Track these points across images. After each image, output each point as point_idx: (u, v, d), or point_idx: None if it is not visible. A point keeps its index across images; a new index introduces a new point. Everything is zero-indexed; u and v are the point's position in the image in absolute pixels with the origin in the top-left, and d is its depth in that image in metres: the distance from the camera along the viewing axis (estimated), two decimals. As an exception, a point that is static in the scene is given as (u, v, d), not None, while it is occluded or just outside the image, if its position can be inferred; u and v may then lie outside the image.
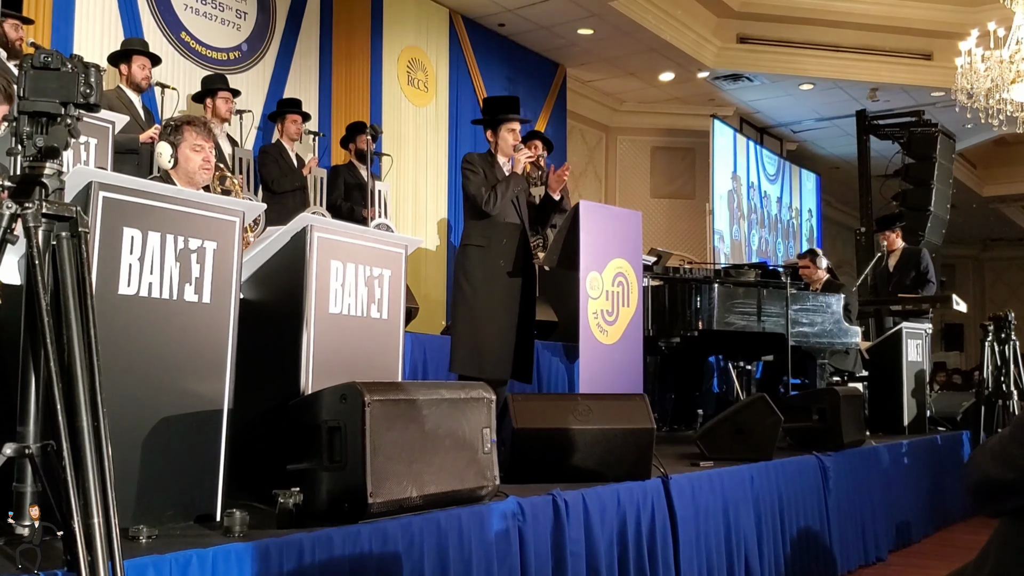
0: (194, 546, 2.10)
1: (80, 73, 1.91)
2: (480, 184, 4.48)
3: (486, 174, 4.52)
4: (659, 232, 11.23)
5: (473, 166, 4.54)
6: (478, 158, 4.61)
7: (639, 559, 3.37)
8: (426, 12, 8.62)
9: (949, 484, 6.33)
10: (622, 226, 4.96)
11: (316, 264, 2.95)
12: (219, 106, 6.10)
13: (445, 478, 2.74)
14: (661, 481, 3.57)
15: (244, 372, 2.65)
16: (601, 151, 11.74)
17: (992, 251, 19.60)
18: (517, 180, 4.56)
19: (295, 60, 7.49)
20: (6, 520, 1.95)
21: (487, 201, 4.45)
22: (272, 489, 2.46)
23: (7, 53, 4.87)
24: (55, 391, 1.81)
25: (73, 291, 1.89)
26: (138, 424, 2.35)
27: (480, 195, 4.46)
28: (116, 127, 4.31)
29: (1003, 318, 7.40)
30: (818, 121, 12.13)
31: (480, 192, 4.46)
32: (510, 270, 4.51)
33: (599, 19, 8.92)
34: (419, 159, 8.45)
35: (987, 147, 13.58)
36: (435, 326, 7.29)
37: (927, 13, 9.80)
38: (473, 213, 4.58)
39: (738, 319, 5.73)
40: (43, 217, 1.89)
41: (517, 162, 4.57)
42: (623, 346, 4.85)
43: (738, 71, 10.47)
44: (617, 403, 3.66)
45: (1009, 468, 1.43)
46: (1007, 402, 7.16)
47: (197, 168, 3.50)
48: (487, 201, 4.45)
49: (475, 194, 4.48)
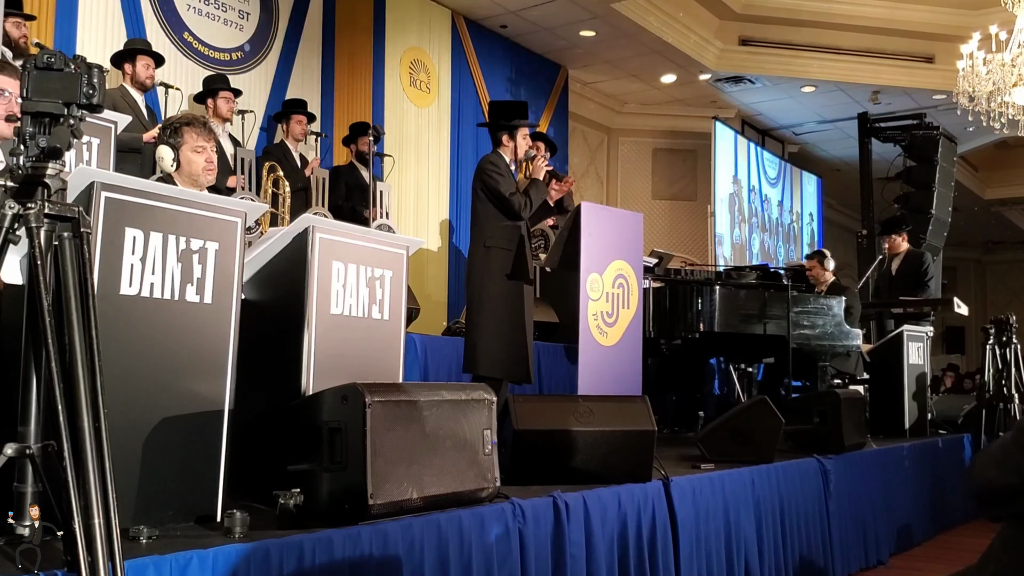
0: (194, 547, 2.10)
1: (83, 74, 1.91)
2: (510, 187, 4.47)
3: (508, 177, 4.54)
4: (660, 234, 11.23)
5: (499, 168, 4.50)
6: (500, 160, 4.56)
7: (639, 561, 3.37)
8: (429, 13, 8.62)
9: (950, 487, 6.32)
10: (623, 228, 4.96)
11: (318, 265, 2.95)
12: (220, 106, 6.11)
13: (446, 479, 2.74)
14: (662, 483, 3.57)
15: (245, 372, 2.65)
16: (602, 153, 11.74)
17: (993, 254, 19.58)
18: (543, 187, 4.61)
19: (297, 61, 7.49)
20: (6, 520, 1.95)
21: (523, 206, 4.45)
22: (273, 490, 2.47)
23: (12, 52, 4.87)
24: (56, 391, 1.81)
25: (75, 291, 1.89)
26: (139, 424, 2.35)
27: (516, 200, 4.44)
28: (119, 127, 4.30)
29: (1004, 321, 7.40)
30: (820, 123, 12.13)
31: (513, 197, 4.44)
32: (528, 274, 4.55)
33: (601, 21, 8.92)
34: (421, 160, 8.46)
35: (989, 150, 13.58)
36: (436, 327, 7.29)
37: (929, 16, 9.80)
38: (502, 215, 4.50)
39: (739, 321, 5.73)
40: (45, 217, 1.89)
41: (539, 170, 4.60)
42: (623, 348, 4.84)
43: (740, 73, 10.47)
44: (618, 405, 3.66)
45: (1011, 473, 1.43)
46: (1008, 405, 7.16)
47: (200, 170, 3.49)
48: (523, 206, 4.45)
49: (510, 198, 4.44)
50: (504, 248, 4.49)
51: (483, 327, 4.44)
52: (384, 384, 2.77)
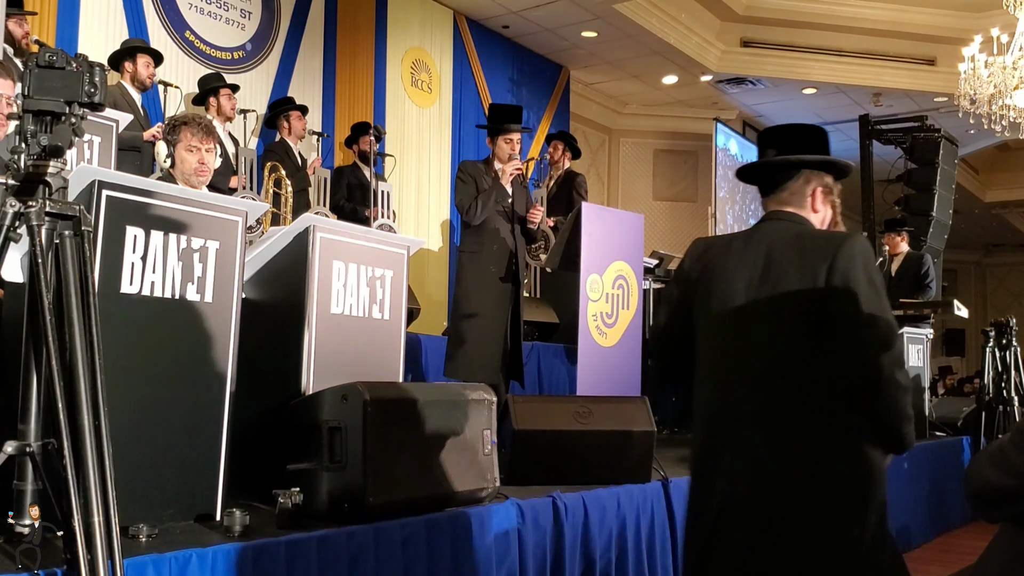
0: (194, 545, 2.10)
1: (85, 72, 1.91)
2: (465, 194, 4.58)
3: (476, 182, 4.58)
4: (661, 235, 11.23)
5: (463, 175, 4.64)
6: (470, 166, 4.71)
7: (638, 562, 3.37)
8: (430, 13, 8.63)
9: (949, 489, 6.32)
10: (624, 229, 4.96)
11: (318, 264, 2.95)
12: (223, 104, 6.10)
13: (445, 479, 2.75)
14: (661, 484, 3.57)
15: (245, 372, 2.65)
16: (604, 153, 11.75)
17: (994, 256, 19.57)
18: (500, 191, 4.61)
19: (299, 60, 7.49)
20: (6, 519, 1.95)
21: (468, 211, 4.55)
22: (272, 489, 2.47)
23: (13, 50, 4.87)
24: (56, 389, 1.81)
25: (75, 289, 1.89)
26: (139, 423, 2.36)
27: (462, 205, 4.58)
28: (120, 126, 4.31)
29: (1004, 324, 7.40)
30: (821, 125, 12.12)
31: (462, 203, 4.58)
32: (501, 275, 4.55)
33: (603, 22, 8.93)
34: (422, 160, 8.46)
35: (990, 153, 13.57)
36: (437, 327, 7.28)
37: (931, 19, 9.80)
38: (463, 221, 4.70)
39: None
40: (46, 216, 1.90)
41: (503, 173, 4.62)
42: (622, 348, 4.84)
43: (741, 75, 10.47)
44: (618, 405, 3.67)
45: (1009, 475, 1.43)
46: (1008, 408, 7.16)
47: (192, 170, 3.47)
48: (468, 211, 4.55)
49: (458, 204, 4.62)
50: (470, 251, 4.62)
51: (452, 330, 4.62)
52: (384, 384, 2.78)
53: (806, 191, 2.16)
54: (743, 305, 2.07)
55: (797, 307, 2.00)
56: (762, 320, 2.04)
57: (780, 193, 2.17)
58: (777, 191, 2.18)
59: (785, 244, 2.06)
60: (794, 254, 2.03)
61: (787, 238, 2.08)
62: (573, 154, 7.47)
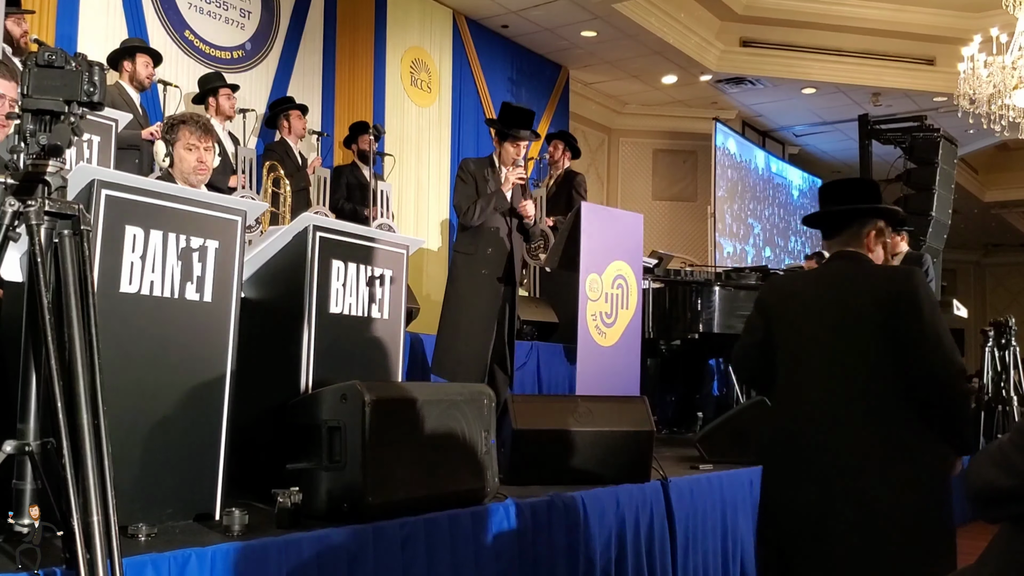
0: (193, 545, 2.10)
1: (84, 71, 1.91)
2: (464, 195, 4.56)
3: (477, 183, 4.57)
4: (660, 235, 11.23)
5: (464, 174, 4.61)
6: (473, 165, 4.66)
7: (637, 561, 3.37)
8: (430, 13, 8.62)
9: (948, 489, 6.31)
10: (623, 228, 4.96)
11: (317, 263, 2.95)
12: (222, 103, 6.10)
13: (444, 479, 2.74)
14: (660, 484, 3.57)
15: (244, 371, 2.65)
16: (603, 153, 11.75)
17: (993, 256, 19.57)
18: (501, 197, 4.60)
19: (299, 59, 7.49)
20: (6, 519, 1.95)
21: (466, 213, 4.53)
22: (272, 488, 2.46)
23: (12, 49, 4.86)
24: (55, 388, 1.81)
25: (75, 289, 1.89)
26: (138, 422, 2.35)
27: (460, 207, 4.56)
28: (119, 125, 4.30)
29: (1004, 324, 7.41)
30: (820, 125, 12.13)
31: (461, 204, 4.56)
32: (498, 276, 4.55)
33: (602, 22, 8.93)
34: (422, 159, 8.46)
35: (989, 152, 13.58)
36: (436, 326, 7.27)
37: (930, 18, 9.80)
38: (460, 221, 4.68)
39: (739, 322, 5.72)
40: (45, 215, 1.90)
41: (506, 180, 4.62)
42: (621, 348, 4.84)
43: (741, 75, 10.47)
44: (617, 405, 3.66)
45: (1009, 474, 1.43)
46: (1007, 408, 7.16)
47: (190, 169, 3.48)
48: (466, 213, 4.53)
49: (456, 205, 4.60)
50: (464, 252, 4.61)
51: (440, 329, 4.62)
52: (383, 383, 2.78)
53: (862, 234, 2.61)
54: (826, 330, 2.50)
55: (875, 330, 2.42)
56: (844, 343, 2.47)
57: (842, 235, 2.62)
58: (839, 234, 2.63)
59: (856, 278, 2.51)
60: (866, 286, 2.47)
61: (857, 273, 2.52)
62: (573, 154, 7.46)
